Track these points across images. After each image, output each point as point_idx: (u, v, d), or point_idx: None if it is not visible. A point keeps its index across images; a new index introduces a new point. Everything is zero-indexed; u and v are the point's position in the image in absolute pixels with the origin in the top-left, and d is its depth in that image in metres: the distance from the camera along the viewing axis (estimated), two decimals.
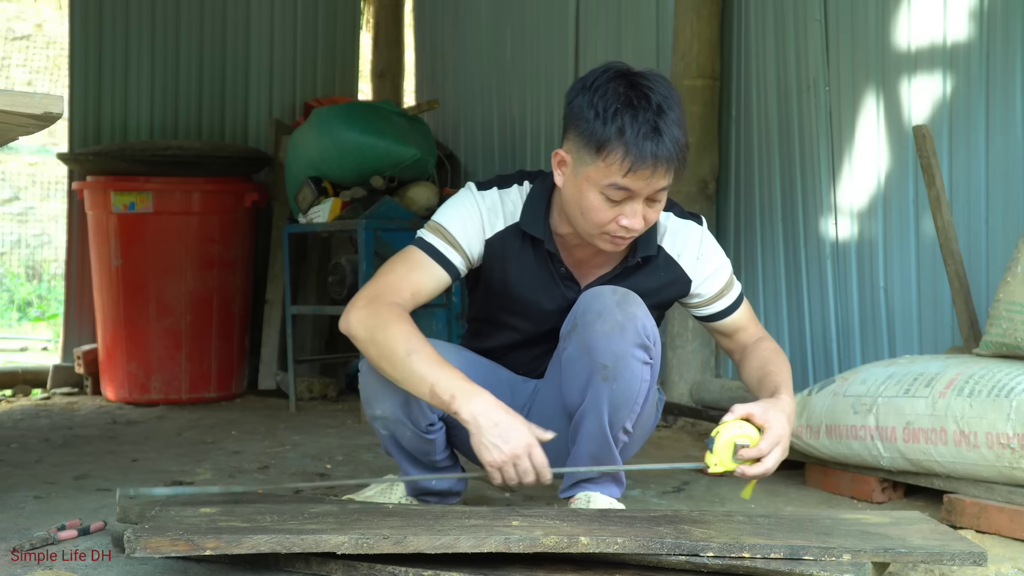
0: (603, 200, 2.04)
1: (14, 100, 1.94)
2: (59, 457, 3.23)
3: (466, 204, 2.21)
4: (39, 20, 9.44)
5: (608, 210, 2.04)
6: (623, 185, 2.01)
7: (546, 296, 2.24)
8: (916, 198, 3.24)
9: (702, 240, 2.27)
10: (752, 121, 3.80)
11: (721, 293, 2.29)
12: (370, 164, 4.35)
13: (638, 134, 1.98)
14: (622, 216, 2.04)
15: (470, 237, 2.19)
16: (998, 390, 2.33)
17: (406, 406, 2.17)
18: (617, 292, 2.11)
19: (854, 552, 1.74)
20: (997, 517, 2.26)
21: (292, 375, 4.37)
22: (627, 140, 1.98)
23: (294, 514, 1.93)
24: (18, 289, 8.69)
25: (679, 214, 2.27)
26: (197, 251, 4.53)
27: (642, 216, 2.05)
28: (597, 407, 2.11)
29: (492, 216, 2.21)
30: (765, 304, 3.74)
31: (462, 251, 2.19)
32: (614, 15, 4.33)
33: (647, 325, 2.10)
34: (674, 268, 2.25)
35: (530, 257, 2.22)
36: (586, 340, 2.09)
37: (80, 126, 5.03)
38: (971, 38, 3.09)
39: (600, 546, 1.75)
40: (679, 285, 2.27)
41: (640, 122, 1.99)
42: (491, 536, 1.76)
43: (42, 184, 9.22)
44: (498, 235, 2.21)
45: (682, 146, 2.02)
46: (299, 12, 5.41)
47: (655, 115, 2.00)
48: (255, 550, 1.72)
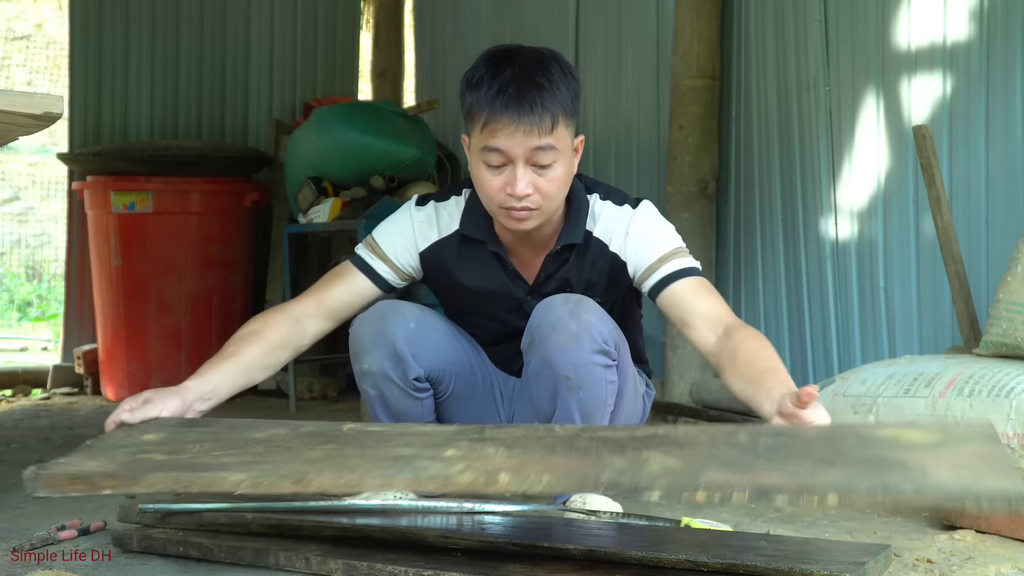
0: (486, 169, 2.07)
1: (14, 100, 1.94)
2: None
3: (399, 219, 2.29)
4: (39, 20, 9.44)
5: (493, 179, 2.07)
6: (493, 146, 2.04)
7: (498, 294, 2.26)
8: (916, 198, 3.24)
9: (632, 219, 2.21)
10: (752, 121, 3.80)
11: (662, 261, 2.17)
12: (370, 164, 4.35)
13: (495, 91, 2.02)
14: (507, 184, 2.05)
15: (398, 250, 2.27)
16: (998, 390, 2.33)
17: (394, 358, 2.20)
18: (569, 301, 2.11)
19: (842, 493, 1.42)
20: (997, 517, 2.26)
21: (292, 375, 4.37)
22: (484, 98, 2.03)
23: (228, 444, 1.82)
24: (18, 289, 8.69)
25: (617, 201, 2.24)
26: (197, 251, 4.53)
27: (529, 182, 2.05)
28: (568, 416, 2.12)
29: (426, 228, 2.27)
30: (765, 304, 3.74)
31: (391, 263, 2.27)
32: (614, 15, 4.33)
33: (603, 330, 2.10)
34: (606, 254, 2.22)
35: (476, 260, 2.25)
36: (544, 354, 2.10)
37: (80, 126, 5.04)
38: (971, 38, 3.09)
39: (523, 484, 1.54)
40: (616, 268, 2.23)
41: (499, 80, 2.03)
42: (402, 473, 1.61)
43: (42, 184, 9.22)
44: (432, 247, 2.27)
45: (558, 101, 2.03)
46: (299, 12, 5.41)
47: (515, 74, 2.03)
48: (152, 488, 1.67)
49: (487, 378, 2.36)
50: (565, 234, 2.20)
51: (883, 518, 2.48)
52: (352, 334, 2.25)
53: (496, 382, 2.38)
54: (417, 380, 2.23)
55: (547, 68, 2.06)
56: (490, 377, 2.37)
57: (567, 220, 2.20)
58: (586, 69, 4.47)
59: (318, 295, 2.25)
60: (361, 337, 2.23)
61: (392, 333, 2.20)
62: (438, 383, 2.28)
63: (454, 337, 2.31)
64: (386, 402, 2.26)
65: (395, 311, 2.23)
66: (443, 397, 2.31)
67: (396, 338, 2.20)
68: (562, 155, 2.07)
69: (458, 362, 2.30)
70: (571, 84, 2.08)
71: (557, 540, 1.82)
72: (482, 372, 2.36)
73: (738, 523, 2.43)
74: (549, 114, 2.02)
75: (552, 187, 2.08)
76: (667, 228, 2.23)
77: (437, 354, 2.24)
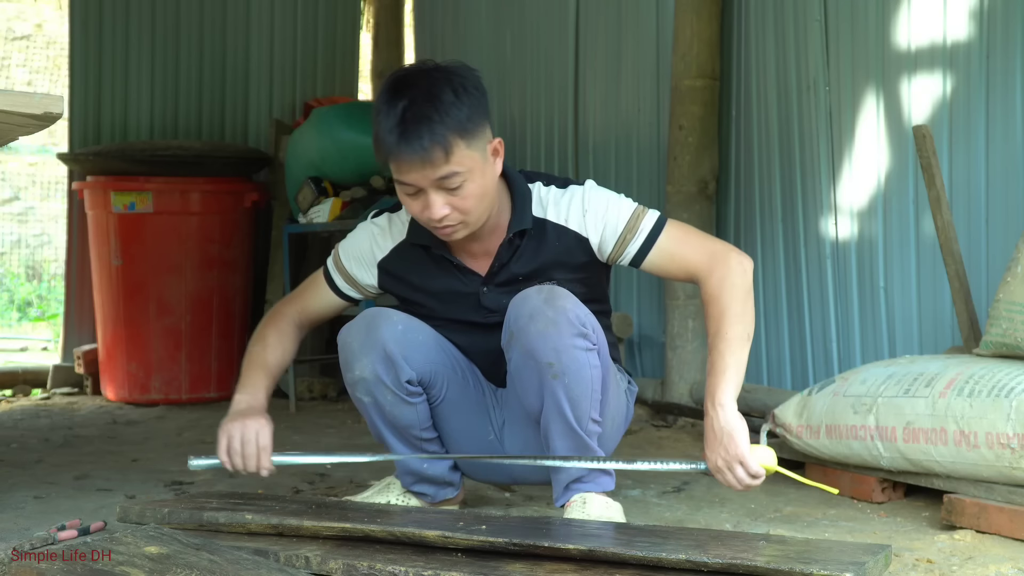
0: (406, 197, 2.13)
1: (14, 100, 1.94)
2: (59, 457, 3.23)
3: (359, 234, 2.38)
4: (39, 20, 9.45)
5: (412, 203, 2.13)
6: (402, 180, 2.10)
7: (453, 292, 2.29)
8: (916, 198, 3.24)
9: (584, 196, 2.24)
10: (752, 121, 3.80)
11: (631, 228, 2.22)
12: (370, 164, 4.35)
13: (389, 127, 2.06)
14: (424, 209, 2.11)
15: (360, 265, 2.36)
16: (998, 390, 2.33)
17: (385, 361, 2.21)
18: (543, 291, 2.13)
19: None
20: (997, 517, 2.26)
21: (292, 375, 4.37)
22: (382, 133, 2.07)
23: None
24: (18, 289, 8.69)
25: (560, 185, 2.28)
26: (197, 251, 4.53)
27: (444, 203, 2.09)
28: (558, 406, 2.13)
29: (381, 239, 2.34)
30: (765, 304, 3.74)
31: (352, 280, 2.37)
32: (614, 15, 4.33)
33: (579, 314, 2.11)
34: (566, 234, 2.24)
35: (428, 264, 2.30)
36: (524, 345, 2.11)
37: (80, 126, 5.04)
38: (971, 38, 3.09)
39: None
40: (580, 247, 2.24)
41: (392, 115, 2.06)
42: None
43: (42, 184, 9.22)
44: (388, 255, 2.34)
45: (436, 134, 2.04)
46: (299, 12, 5.41)
47: (404, 108, 2.06)
48: None
49: (479, 385, 2.37)
50: (514, 222, 2.23)
51: (883, 518, 2.48)
52: (341, 344, 2.27)
53: (487, 390, 2.38)
54: (409, 383, 2.23)
55: (437, 95, 2.06)
56: (481, 384, 2.38)
57: (514, 210, 2.24)
58: (586, 69, 4.47)
59: (297, 304, 2.42)
60: (350, 345, 2.24)
61: (381, 336, 2.21)
62: (430, 387, 2.28)
63: (442, 342, 2.32)
64: (380, 409, 2.26)
65: (382, 316, 2.25)
66: (436, 402, 2.31)
67: (386, 340, 2.21)
68: (471, 173, 2.09)
69: (449, 366, 2.31)
70: (466, 102, 2.08)
71: (557, 540, 1.82)
72: (473, 378, 2.36)
73: (738, 523, 2.43)
74: (439, 146, 2.04)
75: (468, 203, 2.12)
76: (617, 196, 2.27)
77: (428, 356, 2.25)
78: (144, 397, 4.50)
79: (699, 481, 2.87)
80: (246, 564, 1.73)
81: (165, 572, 1.67)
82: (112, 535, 1.86)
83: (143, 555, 1.74)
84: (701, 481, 2.86)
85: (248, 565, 1.72)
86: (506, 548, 1.81)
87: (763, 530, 2.34)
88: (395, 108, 2.06)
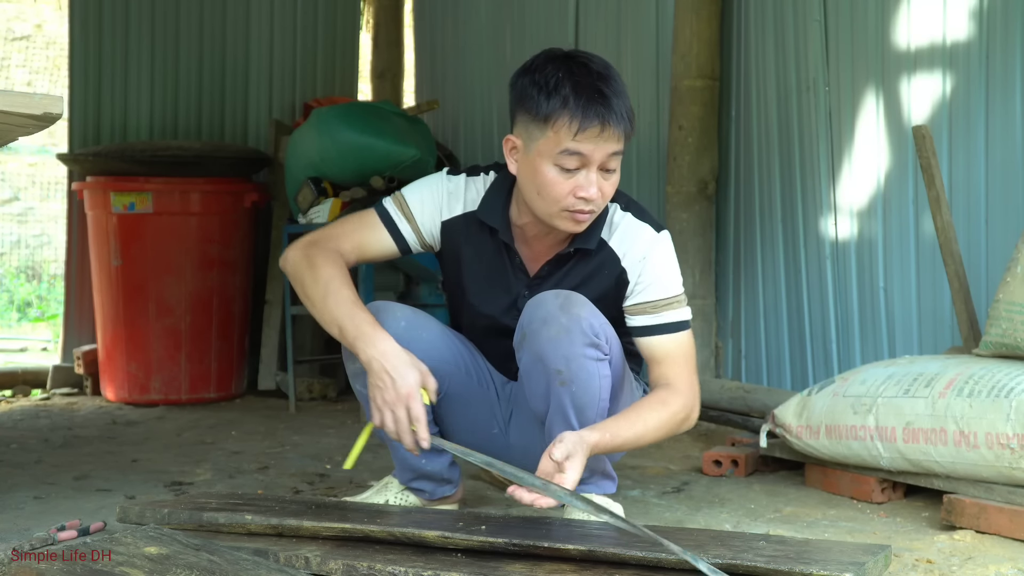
0: (558, 172, 2.07)
1: (14, 100, 1.94)
2: (59, 457, 3.23)
3: (431, 184, 2.29)
4: (39, 20, 9.44)
5: (564, 182, 2.07)
6: (574, 149, 2.04)
7: (499, 284, 2.27)
8: (916, 198, 3.24)
9: (655, 245, 2.21)
10: (752, 121, 3.80)
11: (658, 307, 2.20)
12: (370, 164, 4.34)
13: (582, 97, 2.04)
14: (579, 188, 2.07)
15: (425, 215, 2.26)
16: (998, 390, 2.33)
17: None
18: (559, 296, 2.11)
19: None
20: (997, 517, 2.26)
21: (292, 375, 4.37)
22: (572, 105, 2.03)
23: None
24: (18, 289, 8.69)
25: (637, 214, 2.24)
26: (197, 251, 4.53)
27: (597, 186, 2.07)
28: (563, 412, 2.12)
29: (452, 200, 2.27)
30: (765, 304, 3.74)
31: (415, 225, 2.27)
32: (614, 15, 4.33)
33: (593, 323, 2.10)
34: (615, 264, 2.22)
35: (486, 245, 2.26)
36: (535, 349, 2.11)
37: (80, 126, 5.03)
38: (971, 38, 3.09)
39: None
40: (617, 282, 2.22)
41: (583, 87, 2.04)
42: None
43: (42, 184, 9.21)
44: (454, 219, 2.27)
45: (628, 109, 2.07)
46: (299, 12, 5.41)
47: (596, 80, 2.05)
48: None
49: (483, 380, 2.36)
50: (580, 238, 2.20)
51: (883, 518, 2.48)
52: None
53: (494, 385, 2.37)
54: None
55: (613, 75, 2.09)
56: (487, 379, 2.37)
57: None
58: None
59: (352, 242, 2.25)
60: None
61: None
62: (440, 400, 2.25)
63: (447, 337, 2.31)
64: None
65: (386, 311, 2.24)
66: (438, 398, 2.29)
67: None
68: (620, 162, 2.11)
69: (452, 362, 2.30)
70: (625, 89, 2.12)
71: (557, 540, 1.82)
72: (478, 374, 2.35)
73: (738, 523, 2.43)
74: (627, 122, 2.06)
75: (612, 191, 2.12)
76: (677, 271, 2.25)
77: (429, 352, 2.24)
78: (144, 397, 4.50)
79: (699, 481, 2.87)
80: (246, 564, 1.73)
81: (165, 572, 1.67)
82: (112, 535, 1.86)
83: (143, 555, 1.74)
84: (701, 481, 2.87)
85: (248, 565, 1.72)
86: (506, 548, 1.81)
87: (763, 530, 2.34)
88: (588, 76, 2.05)
